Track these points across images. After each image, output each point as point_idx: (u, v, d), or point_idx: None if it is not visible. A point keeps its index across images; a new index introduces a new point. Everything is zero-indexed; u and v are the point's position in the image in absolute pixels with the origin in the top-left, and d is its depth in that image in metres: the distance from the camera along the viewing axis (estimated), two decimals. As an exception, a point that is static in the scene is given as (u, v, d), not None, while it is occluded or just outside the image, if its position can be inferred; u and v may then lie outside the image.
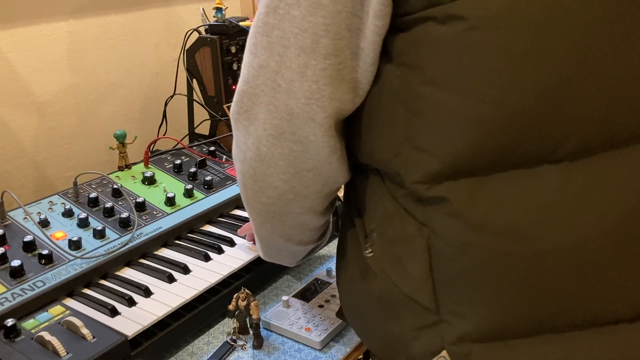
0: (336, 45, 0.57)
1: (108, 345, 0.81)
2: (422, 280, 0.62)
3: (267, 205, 0.70)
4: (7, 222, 1.04)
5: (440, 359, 0.62)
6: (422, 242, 0.62)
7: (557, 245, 0.56)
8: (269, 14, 0.58)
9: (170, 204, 1.16)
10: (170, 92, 1.52)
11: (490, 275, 0.58)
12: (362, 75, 0.60)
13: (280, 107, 0.60)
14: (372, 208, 0.68)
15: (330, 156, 0.64)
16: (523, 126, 0.54)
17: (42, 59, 1.34)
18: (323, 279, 1.08)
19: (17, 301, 0.88)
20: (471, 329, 0.60)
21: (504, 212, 0.56)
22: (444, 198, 0.58)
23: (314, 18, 0.55)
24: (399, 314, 0.65)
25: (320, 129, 0.61)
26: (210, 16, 1.45)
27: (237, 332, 0.94)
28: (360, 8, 0.55)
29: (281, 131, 0.62)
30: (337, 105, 0.60)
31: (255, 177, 0.67)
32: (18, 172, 1.33)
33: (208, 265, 1.03)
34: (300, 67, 0.57)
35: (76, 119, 1.43)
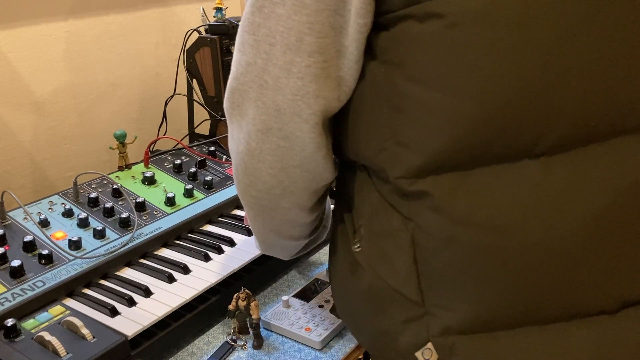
0: (320, 43, 0.58)
1: (108, 345, 0.81)
2: (407, 274, 0.63)
3: (257, 199, 0.71)
4: (7, 222, 1.04)
5: (426, 350, 0.62)
6: (407, 236, 0.62)
7: (538, 239, 0.57)
8: (255, 13, 0.60)
9: (170, 204, 1.16)
10: (170, 92, 1.52)
11: (473, 268, 0.59)
12: (347, 72, 0.61)
13: (267, 103, 0.61)
14: (360, 203, 0.69)
15: (315, 152, 0.65)
16: (502, 122, 0.55)
17: (42, 59, 1.34)
18: (323, 279, 1.08)
19: (17, 301, 0.88)
20: (455, 321, 0.61)
21: (486, 207, 0.57)
22: (427, 193, 0.59)
23: (298, 16, 0.57)
24: (386, 308, 0.66)
25: (306, 125, 0.62)
26: (210, 16, 1.45)
27: (237, 332, 0.94)
28: (343, 7, 0.56)
29: (269, 127, 0.63)
30: (323, 102, 0.61)
31: (246, 170, 0.69)
32: (18, 172, 1.33)
33: (208, 265, 1.03)
34: (286, 64, 0.59)
35: (76, 119, 1.43)
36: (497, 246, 0.58)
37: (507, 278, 0.58)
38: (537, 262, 0.57)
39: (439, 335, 0.62)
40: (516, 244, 0.57)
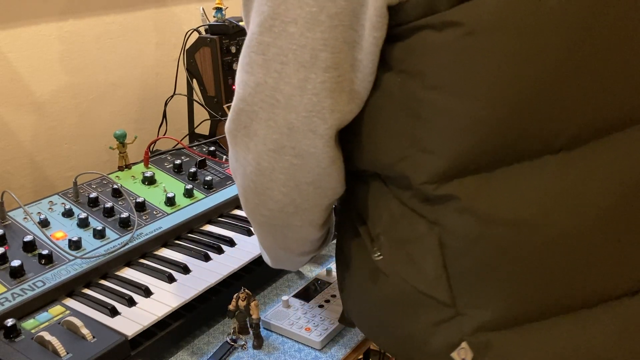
0: (335, 59, 0.58)
1: (108, 345, 0.81)
2: (437, 277, 0.64)
3: (268, 218, 0.71)
4: (7, 222, 1.04)
5: (461, 350, 0.64)
6: (433, 240, 0.64)
7: (562, 231, 0.59)
8: (264, 33, 0.60)
9: (170, 204, 1.16)
10: (170, 92, 1.52)
11: (502, 265, 0.61)
12: (361, 86, 0.61)
13: (279, 122, 0.62)
14: (377, 212, 0.70)
15: (329, 167, 0.66)
16: (521, 122, 0.57)
17: (42, 59, 1.34)
18: (323, 279, 1.08)
19: (17, 301, 0.88)
20: (488, 318, 0.62)
21: (510, 204, 0.59)
22: (452, 196, 0.60)
23: (312, 34, 0.57)
24: (414, 312, 0.67)
25: (321, 141, 0.63)
26: (210, 16, 1.45)
27: (237, 332, 0.94)
28: (357, 22, 0.57)
29: (281, 145, 0.63)
30: (338, 116, 0.62)
31: (256, 190, 0.68)
32: (18, 172, 1.33)
33: (208, 265, 1.03)
34: (300, 81, 0.59)
35: (76, 119, 1.43)
36: (523, 241, 0.60)
37: (535, 271, 0.61)
38: (562, 253, 0.60)
39: (473, 333, 0.63)
40: (541, 238, 0.59)
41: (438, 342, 0.65)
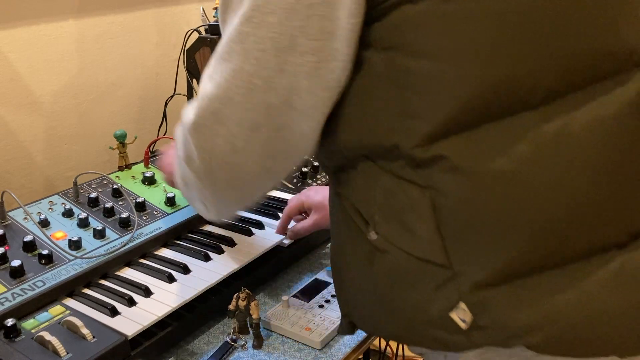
0: (312, 45, 0.62)
1: (108, 345, 0.81)
2: (431, 239, 0.66)
3: (240, 188, 0.75)
4: (7, 222, 1.04)
5: (460, 311, 0.65)
6: (426, 203, 0.66)
7: (545, 182, 0.62)
8: (243, 24, 0.63)
9: (170, 204, 1.16)
10: (170, 92, 1.52)
11: (492, 220, 0.63)
12: (340, 73, 0.65)
13: (257, 103, 0.65)
14: (370, 194, 0.72)
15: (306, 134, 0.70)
16: (497, 79, 0.61)
17: (42, 59, 1.34)
18: (323, 279, 1.08)
19: (17, 301, 0.88)
20: (483, 275, 0.64)
21: (494, 159, 0.62)
22: (442, 156, 0.63)
23: (290, 22, 0.61)
24: (413, 282, 0.68)
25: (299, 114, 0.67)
26: (210, 16, 1.45)
27: (237, 332, 0.94)
28: (332, 13, 0.61)
29: (258, 124, 0.67)
30: (315, 99, 0.66)
31: (228, 167, 0.71)
32: (18, 172, 1.33)
33: (208, 265, 1.03)
34: (279, 64, 0.63)
35: (76, 119, 1.43)
36: (510, 195, 0.62)
37: (524, 224, 0.62)
38: (548, 205, 0.62)
39: (470, 292, 0.65)
40: (524, 190, 0.62)
41: (438, 307, 0.66)
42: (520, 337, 0.64)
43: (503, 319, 0.64)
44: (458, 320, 0.66)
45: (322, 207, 1.09)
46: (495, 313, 0.64)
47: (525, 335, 0.64)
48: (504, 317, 0.64)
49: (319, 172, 1.37)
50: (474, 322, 0.65)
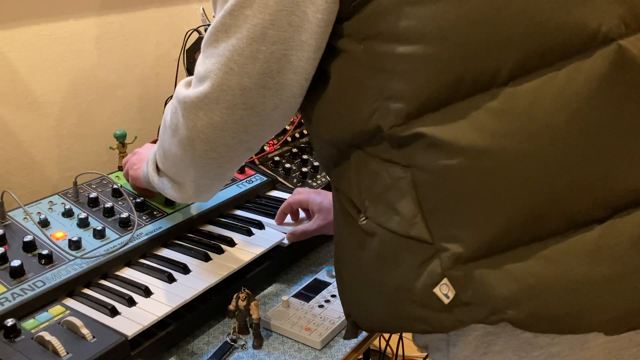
0: (280, 36, 0.69)
1: (108, 345, 0.81)
2: (413, 215, 0.69)
3: (214, 159, 0.82)
4: (7, 222, 1.04)
5: (442, 286, 0.67)
6: (407, 180, 0.69)
7: (518, 155, 0.64)
8: (225, 16, 0.71)
9: (170, 204, 1.16)
10: (170, 92, 1.52)
11: (468, 194, 0.65)
12: (307, 62, 0.71)
13: (232, 85, 0.73)
14: (360, 181, 0.75)
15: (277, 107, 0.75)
16: (464, 57, 0.64)
17: (42, 59, 1.34)
18: (323, 279, 1.08)
19: (17, 301, 0.88)
20: (464, 249, 0.66)
21: (467, 133, 0.65)
22: (419, 134, 0.66)
23: (263, 15, 0.69)
24: (398, 260, 0.70)
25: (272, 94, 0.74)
26: (210, 16, 1.45)
27: (237, 332, 0.94)
28: (298, 8, 0.68)
29: (233, 103, 0.74)
30: (286, 80, 0.72)
31: (206, 140, 0.79)
32: (18, 172, 1.33)
33: (208, 265, 1.03)
34: (252, 52, 0.71)
35: (76, 119, 1.43)
36: (484, 168, 0.64)
37: (501, 199, 0.64)
38: (522, 177, 0.64)
39: (452, 267, 0.66)
40: (498, 163, 0.64)
41: (422, 283, 0.68)
42: (502, 312, 0.65)
43: (485, 294, 0.66)
44: (441, 296, 0.67)
45: (328, 212, 1.10)
46: (477, 287, 0.66)
47: (506, 309, 0.65)
48: (485, 291, 0.65)
49: (319, 172, 1.37)
50: (457, 297, 0.67)
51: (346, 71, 0.71)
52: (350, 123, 0.72)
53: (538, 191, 0.64)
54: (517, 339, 0.68)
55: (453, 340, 0.73)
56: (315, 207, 1.13)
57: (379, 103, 0.69)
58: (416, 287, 0.69)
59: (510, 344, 0.69)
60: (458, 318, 0.67)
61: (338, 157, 0.77)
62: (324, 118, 0.76)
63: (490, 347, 0.70)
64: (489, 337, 0.70)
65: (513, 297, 0.64)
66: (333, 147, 0.77)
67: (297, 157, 1.42)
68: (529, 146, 0.63)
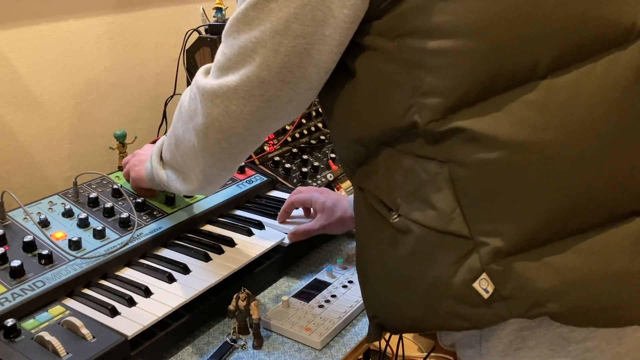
0: (303, 30, 0.70)
1: (108, 345, 0.81)
2: (451, 211, 0.68)
3: (227, 149, 0.82)
4: (7, 222, 1.04)
5: (482, 281, 0.67)
6: (444, 175, 0.69)
7: (557, 148, 0.64)
8: (249, 9, 0.72)
9: (170, 204, 1.16)
10: (170, 92, 1.52)
11: (508, 188, 0.65)
12: (327, 55, 0.72)
13: (252, 77, 0.73)
14: (391, 179, 0.75)
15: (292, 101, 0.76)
16: (502, 51, 0.64)
17: (42, 59, 1.34)
18: (323, 279, 1.08)
19: (17, 301, 0.88)
20: (504, 243, 0.66)
21: (506, 127, 0.65)
22: (457, 128, 0.67)
23: (287, 9, 0.69)
24: (435, 256, 0.70)
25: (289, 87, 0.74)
26: (210, 16, 1.45)
27: (237, 332, 0.94)
28: (323, 4, 0.68)
29: (251, 94, 0.75)
30: (305, 73, 0.73)
31: (220, 128, 0.79)
32: (18, 172, 1.33)
33: (208, 265, 1.03)
34: (275, 45, 0.71)
35: (76, 119, 1.43)
36: (523, 161, 0.64)
37: (538, 191, 0.65)
38: (561, 170, 0.64)
39: (491, 261, 0.66)
40: (537, 157, 0.64)
41: (460, 279, 0.68)
42: (543, 305, 0.65)
43: (525, 287, 0.66)
44: (481, 291, 0.67)
45: (332, 212, 1.10)
46: (517, 282, 0.66)
47: (547, 303, 0.65)
48: (525, 285, 0.66)
49: (319, 172, 1.37)
50: (496, 292, 0.66)
51: (376, 69, 0.71)
52: (382, 120, 0.72)
53: (577, 184, 0.64)
54: (552, 334, 0.69)
55: (486, 335, 0.73)
56: (319, 206, 1.13)
57: (414, 99, 0.69)
58: (454, 283, 0.68)
59: (545, 339, 0.69)
60: (497, 313, 0.67)
61: (365, 156, 0.77)
62: (351, 117, 0.76)
63: (524, 342, 0.70)
64: (524, 332, 0.70)
65: (554, 291, 0.65)
66: (360, 146, 0.77)
67: (297, 157, 1.42)
68: (568, 139, 0.64)
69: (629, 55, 0.64)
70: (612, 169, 0.64)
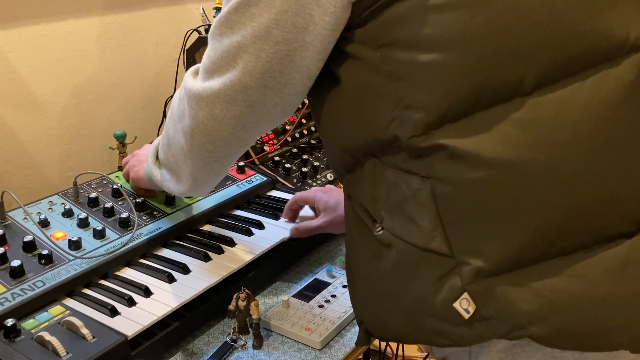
0: (284, 37, 0.69)
1: (108, 345, 0.81)
2: (432, 228, 0.67)
3: (212, 153, 0.82)
4: (7, 222, 1.04)
5: (462, 301, 0.66)
6: (426, 192, 0.67)
7: (543, 167, 0.62)
8: (231, 12, 0.71)
9: (170, 204, 1.16)
10: (170, 92, 1.52)
11: (491, 207, 0.64)
12: (311, 63, 0.71)
13: (234, 82, 0.73)
14: (375, 190, 0.73)
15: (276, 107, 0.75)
16: (487, 67, 0.62)
17: (42, 59, 1.34)
18: (323, 279, 1.08)
19: (17, 301, 0.88)
20: (485, 263, 0.64)
21: (490, 145, 0.63)
22: (439, 145, 0.65)
23: (268, 14, 0.68)
24: (417, 273, 0.69)
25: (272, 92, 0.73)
26: (210, 16, 1.45)
27: (237, 332, 0.94)
28: (303, 11, 0.67)
29: (234, 99, 0.74)
30: (286, 77, 0.72)
31: (205, 131, 0.79)
32: (18, 172, 1.33)
33: (208, 265, 1.03)
34: (256, 51, 0.70)
35: (76, 119, 1.43)
36: (506, 180, 0.62)
37: (522, 211, 0.63)
38: (545, 190, 0.62)
39: (472, 281, 0.65)
40: (522, 176, 0.62)
41: (441, 298, 0.67)
42: (525, 328, 0.63)
43: (507, 309, 0.64)
44: (461, 311, 0.66)
45: (334, 211, 1.10)
46: (498, 303, 0.64)
47: (529, 325, 0.63)
48: (507, 307, 0.64)
49: (319, 172, 1.37)
50: (478, 312, 0.65)
51: (361, 78, 0.70)
52: (366, 131, 0.71)
53: (563, 204, 0.62)
54: (543, 353, 0.67)
55: (475, 353, 0.72)
56: (321, 205, 1.12)
57: (397, 112, 0.67)
58: (435, 301, 0.67)
59: (536, 358, 0.67)
60: (478, 333, 0.66)
61: (352, 163, 0.76)
62: (337, 124, 0.75)
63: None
64: (514, 350, 0.68)
65: (536, 313, 0.63)
66: (346, 154, 0.75)
67: (297, 157, 1.42)
68: (554, 158, 0.62)
69: (620, 71, 0.61)
70: (599, 190, 0.62)
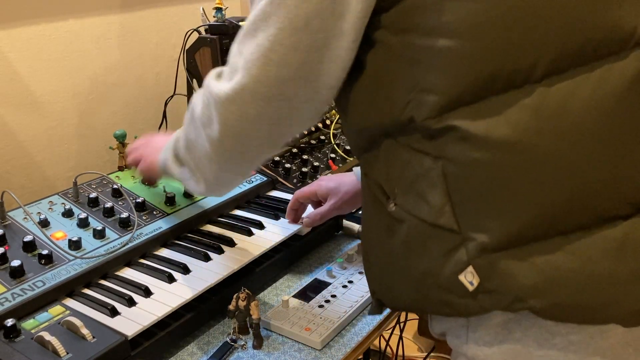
0: (323, 25, 0.70)
1: (108, 345, 0.81)
2: (442, 205, 0.71)
3: (242, 154, 0.82)
4: (7, 222, 1.04)
5: (467, 274, 0.69)
6: (437, 171, 0.71)
7: (548, 151, 0.65)
8: (267, 5, 0.71)
9: (170, 204, 1.16)
10: (170, 92, 1.52)
11: (497, 187, 0.67)
12: (344, 51, 0.72)
13: (271, 77, 0.72)
14: (390, 168, 0.76)
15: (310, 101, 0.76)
16: (500, 54, 0.66)
17: (42, 59, 1.34)
18: (323, 279, 1.08)
19: (17, 301, 0.88)
20: (490, 239, 0.68)
21: (499, 128, 0.66)
22: (452, 126, 0.68)
23: (306, 5, 0.69)
24: (426, 247, 0.73)
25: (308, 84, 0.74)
26: (210, 16, 1.45)
27: (237, 332, 0.94)
28: None
29: (270, 95, 0.73)
30: (324, 70, 0.73)
31: (238, 134, 0.78)
32: (18, 172, 1.33)
33: (208, 265, 1.03)
34: (294, 42, 0.70)
35: (76, 119, 1.43)
36: (514, 162, 0.66)
37: (527, 192, 0.66)
38: (551, 172, 0.66)
39: (477, 256, 0.69)
40: (528, 158, 0.66)
41: (447, 271, 0.71)
42: (525, 301, 0.67)
43: (509, 283, 0.68)
44: (466, 283, 0.69)
45: (338, 191, 1.12)
46: (501, 277, 0.68)
47: (529, 298, 0.67)
48: (509, 281, 0.68)
49: (319, 172, 1.37)
50: (481, 285, 0.69)
51: (380, 62, 0.73)
52: (383, 113, 0.74)
53: (565, 187, 0.66)
54: (538, 327, 0.70)
55: (473, 326, 0.75)
56: (324, 191, 1.13)
57: (413, 95, 0.70)
58: (442, 274, 0.71)
59: (531, 332, 0.71)
60: (481, 304, 0.69)
61: (369, 144, 0.79)
62: (357, 107, 0.78)
63: (510, 334, 0.72)
64: (510, 325, 0.72)
65: (536, 287, 0.67)
66: (364, 134, 0.78)
67: (297, 157, 1.42)
68: (559, 144, 0.65)
69: (625, 64, 0.65)
70: (600, 175, 0.66)
